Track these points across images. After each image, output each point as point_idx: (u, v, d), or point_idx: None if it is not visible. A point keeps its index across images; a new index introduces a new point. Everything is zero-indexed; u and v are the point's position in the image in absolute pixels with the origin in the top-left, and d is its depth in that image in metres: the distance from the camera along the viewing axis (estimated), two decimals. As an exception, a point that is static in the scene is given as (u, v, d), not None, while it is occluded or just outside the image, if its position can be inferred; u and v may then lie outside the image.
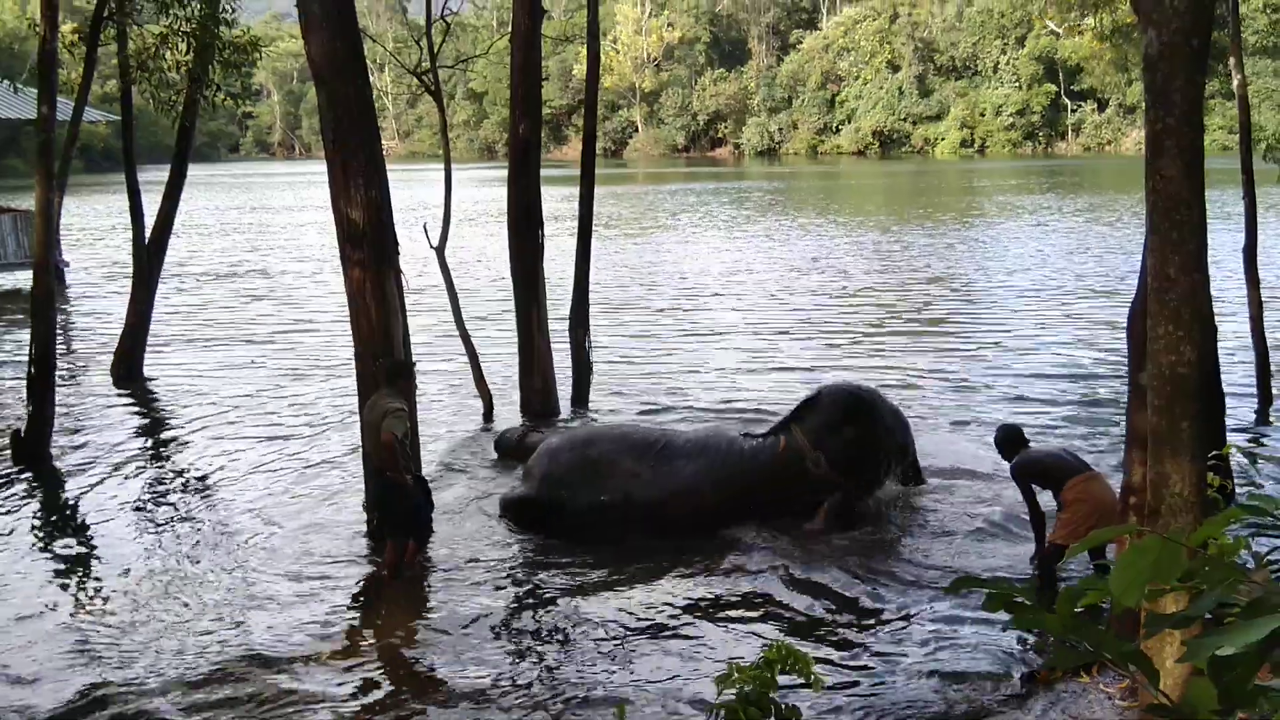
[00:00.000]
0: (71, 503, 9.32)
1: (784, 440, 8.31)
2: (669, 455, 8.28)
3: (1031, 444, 7.40)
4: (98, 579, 7.64)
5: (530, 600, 7.08)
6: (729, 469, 8.20)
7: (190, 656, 6.28)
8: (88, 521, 8.81)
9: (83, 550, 8.26)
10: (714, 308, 18.24)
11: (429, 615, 6.96)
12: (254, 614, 6.85)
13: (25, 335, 11.37)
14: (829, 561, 7.56)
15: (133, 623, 6.76)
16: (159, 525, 8.57)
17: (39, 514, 9.09)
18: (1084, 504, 6.81)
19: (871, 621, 6.67)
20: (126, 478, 9.86)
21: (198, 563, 7.78)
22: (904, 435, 8.65)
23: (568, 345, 11.71)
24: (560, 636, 6.53)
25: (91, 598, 7.31)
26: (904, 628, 6.57)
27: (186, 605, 7.02)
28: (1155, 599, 1.50)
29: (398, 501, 7.39)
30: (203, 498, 9.23)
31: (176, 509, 8.95)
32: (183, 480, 9.78)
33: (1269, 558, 4.71)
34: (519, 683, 5.94)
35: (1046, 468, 7.10)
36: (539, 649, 6.36)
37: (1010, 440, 7.33)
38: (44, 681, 6.04)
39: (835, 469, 8.17)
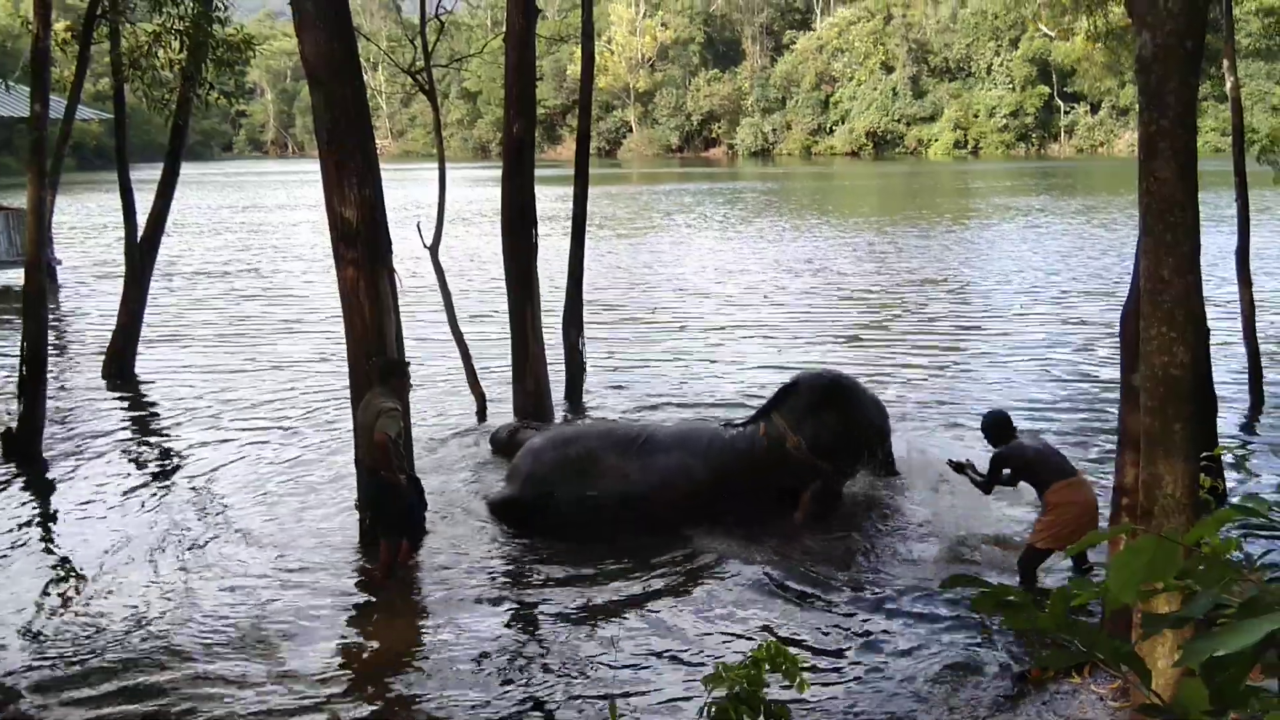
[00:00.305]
0: (61, 501, 9.28)
1: (764, 427, 8.42)
2: (651, 449, 8.33)
3: (1020, 435, 7.39)
4: (83, 578, 7.58)
5: (520, 600, 7.07)
6: (711, 458, 8.28)
7: (174, 660, 6.26)
8: (76, 520, 8.77)
9: (70, 549, 8.21)
10: (708, 308, 18.24)
11: (421, 615, 6.96)
12: (244, 616, 6.83)
13: (17, 333, 11.34)
14: (819, 562, 7.57)
15: (110, 624, 6.72)
16: (148, 525, 8.54)
17: (28, 512, 9.05)
18: (1071, 508, 6.84)
19: (862, 622, 6.67)
20: (117, 476, 9.83)
21: (187, 563, 7.75)
22: (882, 420, 8.73)
23: (561, 345, 11.69)
24: (551, 636, 6.52)
25: (74, 596, 7.27)
26: (895, 628, 6.57)
27: (172, 607, 7.00)
28: (1149, 600, 1.50)
29: (391, 501, 7.37)
30: (193, 497, 9.20)
31: (167, 509, 8.92)
32: (173, 480, 9.75)
33: (1261, 560, 4.72)
34: (510, 681, 5.93)
35: (1030, 462, 7.09)
36: (530, 648, 6.35)
37: (999, 426, 7.29)
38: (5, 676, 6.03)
39: (816, 453, 8.26)
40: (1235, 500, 8.09)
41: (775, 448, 8.31)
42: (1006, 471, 7.24)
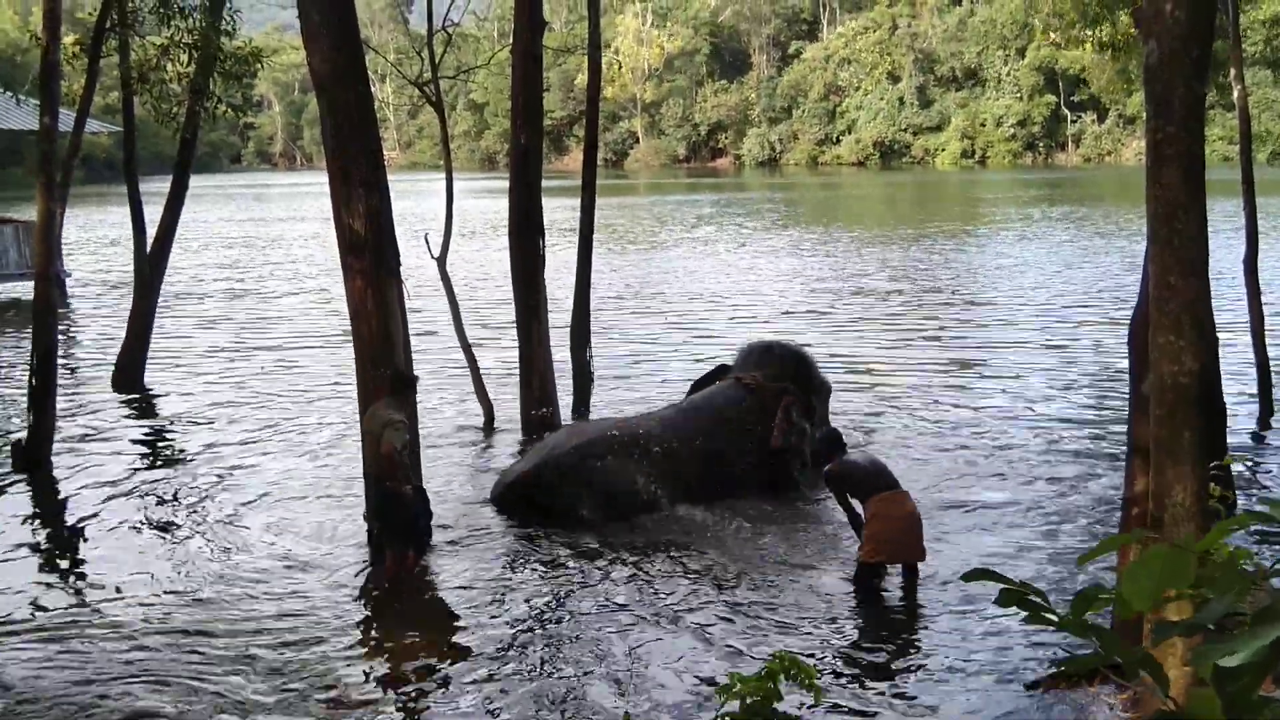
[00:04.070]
0: (70, 512, 9.29)
1: (725, 382, 9.50)
2: (635, 421, 9.25)
3: (850, 452, 7.51)
4: (90, 590, 7.58)
5: (528, 609, 7.05)
6: (697, 409, 9.30)
7: (183, 668, 6.25)
8: (84, 531, 8.77)
9: (77, 560, 8.23)
10: (718, 320, 18.20)
11: (428, 624, 6.95)
12: (252, 625, 6.83)
13: (26, 345, 11.37)
14: (829, 569, 7.55)
15: (118, 633, 6.71)
16: (156, 536, 8.54)
17: (37, 523, 9.07)
18: (891, 520, 6.96)
19: (871, 631, 6.65)
20: (125, 488, 9.83)
21: (196, 573, 7.75)
22: (820, 374, 10.02)
23: (569, 356, 11.69)
24: (560, 644, 6.50)
25: (81, 609, 7.26)
26: (905, 637, 6.55)
27: (180, 616, 7.00)
28: (1160, 608, 1.49)
29: (397, 511, 7.39)
30: (201, 509, 9.20)
31: (174, 520, 8.92)
32: (181, 491, 9.75)
33: (1276, 566, 4.68)
34: (517, 691, 5.91)
35: (855, 480, 7.22)
36: (538, 657, 6.33)
37: (829, 445, 7.52)
38: (13, 689, 6.02)
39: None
40: (1246, 509, 8.07)
41: (739, 389, 9.31)
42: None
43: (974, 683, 5.89)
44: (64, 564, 8.15)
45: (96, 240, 34.68)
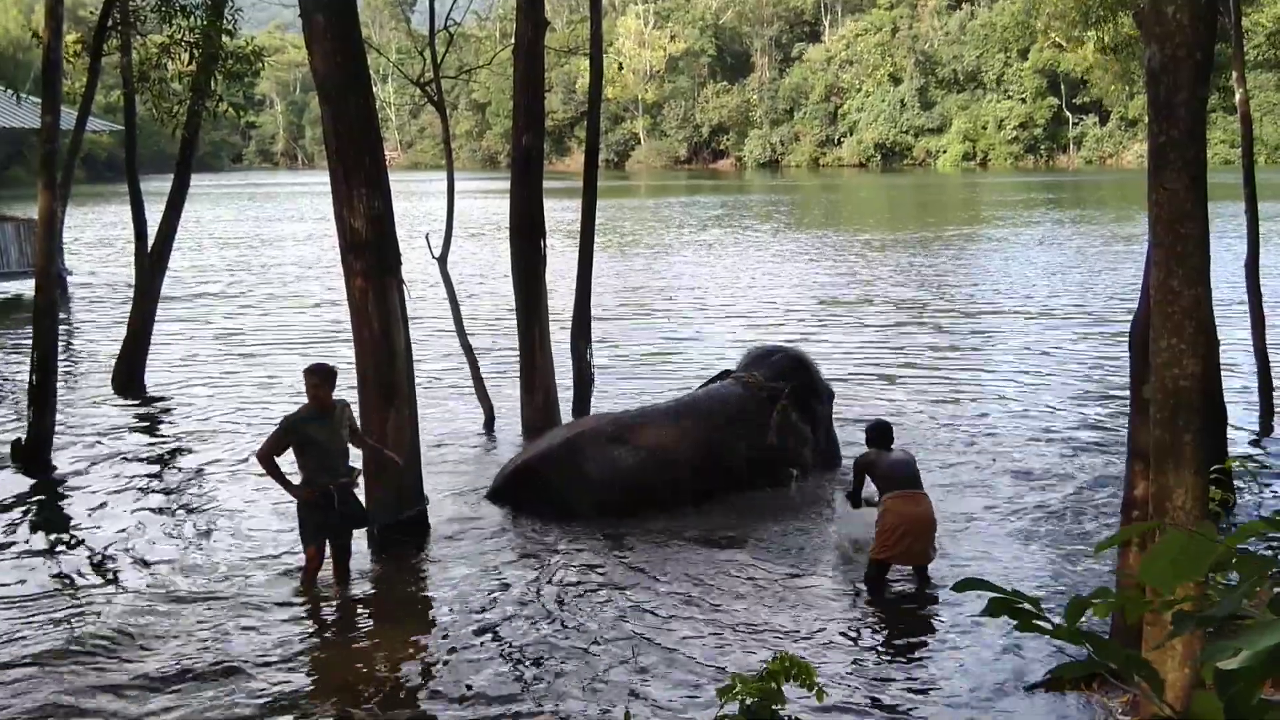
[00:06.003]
0: (70, 512, 9.29)
1: (729, 381, 9.63)
2: (632, 416, 9.42)
3: (895, 449, 7.56)
4: (90, 591, 7.57)
5: (526, 606, 7.05)
6: (693, 404, 9.40)
7: (183, 666, 6.25)
8: (85, 531, 8.77)
9: (77, 561, 8.21)
10: (720, 322, 18.20)
11: (424, 620, 6.95)
12: (250, 622, 6.83)
13: (27, 344, 11.37)
14: (828, 567, 7.56)
15: (119, 639, 6.69)
16: (156, 538, 8.54)
17: (37, 523, 9.06)
18: (897, 518, 7.04)
19: (873, 630, 6.66)
20: (125, 487, 9.83)
21: (196, 572, 7.75)
22: (820, 376, 10.01)
23: (569, 355, 11.69)
24: (558, 642, 6.49)
25: (82, 610, 7.26)
26: (907, 637, 6.55)
27: (180, 615, 7.00)
28: (1165, 610, 1.49)
29: (301, 510, 7.28)
30: (202, 510, 9.20)
31: (175, 521, 8.93)
32: (182, 492, 9.75)
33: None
34: (515, 689, 5.91)
35: (879, 473, 7.35)
36: (536, 655, 6.32)
37: (875, 434, 7.63)
38: (15, 692, 6.01)
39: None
40: (1241, 512, 8.08)
41: (740, 387, 9.43)
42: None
43: (974, 683, 5.89)
44: (63, 563, 8.14)
45: (97, 239, 34.68)
